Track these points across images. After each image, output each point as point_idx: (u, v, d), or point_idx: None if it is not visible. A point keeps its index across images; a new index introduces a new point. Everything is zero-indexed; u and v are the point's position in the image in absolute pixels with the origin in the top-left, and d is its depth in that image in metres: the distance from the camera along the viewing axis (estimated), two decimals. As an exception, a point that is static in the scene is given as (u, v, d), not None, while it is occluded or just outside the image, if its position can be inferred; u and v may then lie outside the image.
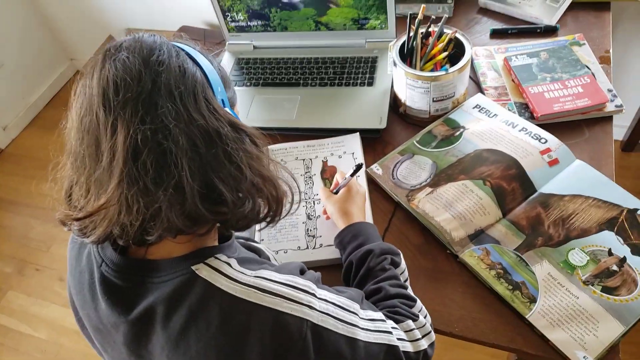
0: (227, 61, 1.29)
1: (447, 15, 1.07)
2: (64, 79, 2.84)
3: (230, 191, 0.57)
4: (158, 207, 0.55)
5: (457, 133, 1.03)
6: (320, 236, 0.95)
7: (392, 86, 1.12)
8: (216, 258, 0.62)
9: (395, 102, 1.13)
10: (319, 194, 0.98)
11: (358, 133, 1.08)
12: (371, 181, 1.02)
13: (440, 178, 0.96)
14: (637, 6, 1.20)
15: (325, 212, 0.96)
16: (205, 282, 0.59)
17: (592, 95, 1.02)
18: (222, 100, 0.62)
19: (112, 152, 0.54)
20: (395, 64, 1.04)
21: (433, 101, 1.05)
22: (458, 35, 1.05)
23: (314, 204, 1.00)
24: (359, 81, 1.16)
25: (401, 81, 1.05)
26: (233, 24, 1.27)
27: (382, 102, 1.11)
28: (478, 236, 0.90)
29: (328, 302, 0.64)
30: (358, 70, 1.18)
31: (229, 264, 0.61)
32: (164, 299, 0.59)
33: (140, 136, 0.54)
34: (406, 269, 0.84)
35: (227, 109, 0.62)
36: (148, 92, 0.55)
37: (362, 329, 0.66)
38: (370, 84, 1.15)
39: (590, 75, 1.06)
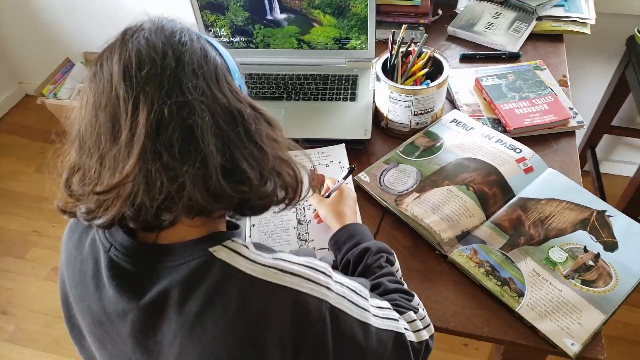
0: (208, 76, 1.30)
1: (426, 35, 1.14)
2: (11, 103, 2.72)
3: (252, 170, 0.58)
4: (182, 183, 0.55)
5: (438, 144, 1.09)
6: (312, 240, 0.96)
7: (373, 101, 1.18)
8: (233, 241, 0.61)
9: (376, 117, 1.18)
10: (309, 199, 1.00)
11: (344, 144, 1.12)
12: (359, 189, 1.05)
13: (425, 184, 1.01)
14: (584, 37, 1.36)
15: (317, 217, 0.98)
16: (223, 263, 0.59)
17: (557, 111, 1.12)
18: (240, 86, 0.64)
19: (133, 127, 0.54)
20: (379, 79, 1.10)
21: (414, 114, 1.10)
22: (436, 55, 1.13)
23: (304, 209, 1.01)
24: (341, 96, 1.21)
25: (384, 95, 1.11)
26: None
27: (365, 115, 1.16)
28: (465, 237, 0.94)
29: (343, 285, 0.65)
30: (340, 87, 1.23)
31: (246, 247, 0.61)
32: (180, 282, 0.58)
33: (166, 110, 0.54)
34: (400, 269, 0.86)
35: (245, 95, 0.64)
36: (172, 69, 0.56)
37: (373, 315, 0.67)
38: (353, 99, 1.20)
39: (554, 95, 1.16)
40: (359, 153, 1.12)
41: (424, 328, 0.75)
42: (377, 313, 0.68)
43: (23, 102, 2.76)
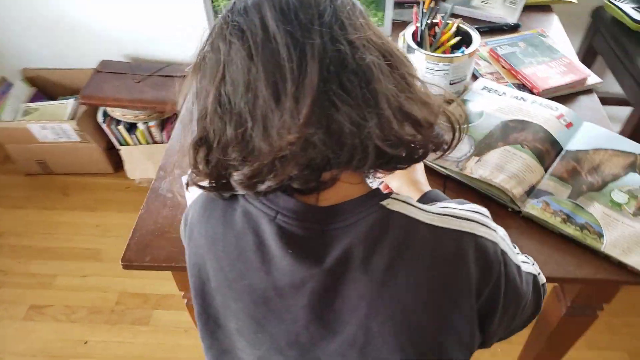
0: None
1: (453, 4, 1.17)
2: None
3: (419, 113, 0.56)
4: (368, 128, 0.51)
5: (478, 111, 1.11)
6: (387, 213, 0.94)
7: (401, 77, 1.18)
8: (396, 194, 0.59)
9: (406, 92, 1.18)
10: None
11: (385, 119, 1.10)
12: (412, 160, 1.04)
13: (481, 147, 1.02)
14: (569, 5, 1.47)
15: (386, 188, 0.96)
16: (401, 215, 0.56)
17: (575, 71, 1.19)
18: None
19: (302, 75, 0.50)
20: (411, 51, 1.10)
21: (450, 84, 1.12)
22: (462, 25, 1.15)
23: (367, 185, 0.99)
24: (367, 75, 1.20)
25: (418, 67, 1.11)
26: (225, 29, 1.22)
27: (398, 90, 1.15)
28: (532, 191, 0.96)
29: (499, 229, 0.64)
30: (362, 66, 1.21)
31: (409, 198, 0.59)
32: (362, 240, 0.54)
33: (343, 49, 0.51)
34: None
35: None
36: (333, 10, 0.53)
37: (519, 259, 0.67)
38: (379, 76, 1.19)
39: (567, 57, 1.23)
40: (400, 127, 1.12)
41: (539, 273, 0.76)
42: (519, 258, 0.68)
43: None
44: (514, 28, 1.37)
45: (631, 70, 1.52)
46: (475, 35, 1.13)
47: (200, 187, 0.59)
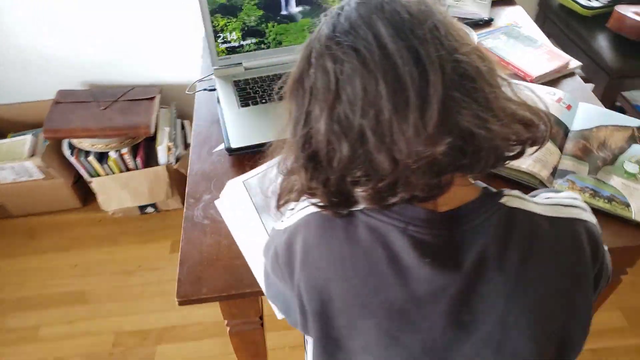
0: (222, 86, 1.20)
1: (445, 6, 1.22)
2: None
3: (523, 113, 0.59)
4: (493, 130, 0.54)
5: (484, 102, 1.17)
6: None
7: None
8: (508, 190, 0.62)
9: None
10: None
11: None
12: (438, 157, 1.07)
13: (500, 137, 1.08)
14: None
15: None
16: (522, 211, 0.59)
17: (558, 57, 1.28)
18: None
19: (423, 86, 0.51)
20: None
21: (455, 80, 1.17)
22: (456, 23, 1.20)
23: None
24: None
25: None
26: (224, 46, 1.20)
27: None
28: (555, 172, 1.03)
29: None
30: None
31: (520, 192, 0.62)
32: (493, 240, 0.57)
33: (460, 61, 0.53)
34: None
35: None
36: (442, 25, 0.55)
37: None
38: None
39: (546, 45, 1.32)
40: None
41: None
42: None
43: None
44: (488, 22, 1.46)
45: (587, 52, 1.66)
46: (473, 35, 1.18)
47: (319, 206, 0.59)
